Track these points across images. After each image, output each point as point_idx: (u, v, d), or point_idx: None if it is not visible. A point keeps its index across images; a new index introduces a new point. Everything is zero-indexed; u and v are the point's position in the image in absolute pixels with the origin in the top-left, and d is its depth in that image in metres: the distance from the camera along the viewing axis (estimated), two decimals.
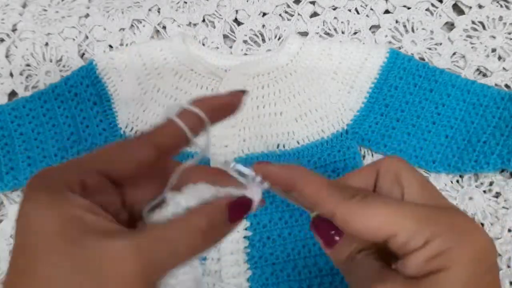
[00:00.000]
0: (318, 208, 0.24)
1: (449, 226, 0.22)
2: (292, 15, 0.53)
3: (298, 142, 0.46)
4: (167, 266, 0.20)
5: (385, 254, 0.25)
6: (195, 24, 0.54)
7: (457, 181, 0.44)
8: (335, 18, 0.53)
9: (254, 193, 0.23)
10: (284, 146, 0.46)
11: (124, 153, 0.22)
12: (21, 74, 0.52)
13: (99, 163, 0.21)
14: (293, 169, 0.24)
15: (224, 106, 0.24)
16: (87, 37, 0.54)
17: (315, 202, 0.24)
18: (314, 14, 0.54)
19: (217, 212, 0.22)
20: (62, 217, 0.19)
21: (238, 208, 0.23)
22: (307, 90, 0.47)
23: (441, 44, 0.50)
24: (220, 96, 0.24)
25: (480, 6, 0.51)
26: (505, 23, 0.50)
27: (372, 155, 0.46)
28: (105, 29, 0.54)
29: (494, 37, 0.49)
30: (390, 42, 0.51)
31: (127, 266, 0.18)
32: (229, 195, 0.23)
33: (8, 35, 0.54)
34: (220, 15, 0.54)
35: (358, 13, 0.53)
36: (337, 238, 0.24)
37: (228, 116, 0.24)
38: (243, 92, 0.24)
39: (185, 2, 0.55)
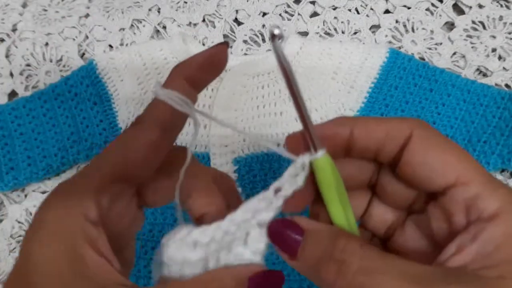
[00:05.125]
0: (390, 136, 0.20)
1: None
2: (292, 15, 0.53)
3: None
4: None
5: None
6: (195, 24, 0.54)
7: None
8: (335, 18, 0.53)
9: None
10: (284, 146, 0.46)
11: (129, 144, 0.21)
12: (21, 74, 0.52)
13: (110, 168, 0.20)
14: (345, 118, 0.22)
15: (209, 60, 0.22)
16: (87, 37, 0.54)
17: (385, 133, 0.20)
18: (314, 14, 0.54)
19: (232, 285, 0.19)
20: (66, 265, 0.17)
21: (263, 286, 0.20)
22: (307, 90, 0.47)
23: (441, 44, 0.50)
24: (203, 52, 0.22)
25: (480, 6, 0.51)
26: (505, 23, 0.50)
27: None
28: (105, 29, 0.54)
29: (494, 37, 0.49)
30: (390, 42, 0.51)
31: None
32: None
33: (8, 35, 0.54)
34: (220, 15, 0.54)
35: (358, 13, 0.53)
36: (299, 238, 0.21)
37: (217, 72, 0.23)
38: (225, 44, 0.22)
39: (185, 2, 0.55)
